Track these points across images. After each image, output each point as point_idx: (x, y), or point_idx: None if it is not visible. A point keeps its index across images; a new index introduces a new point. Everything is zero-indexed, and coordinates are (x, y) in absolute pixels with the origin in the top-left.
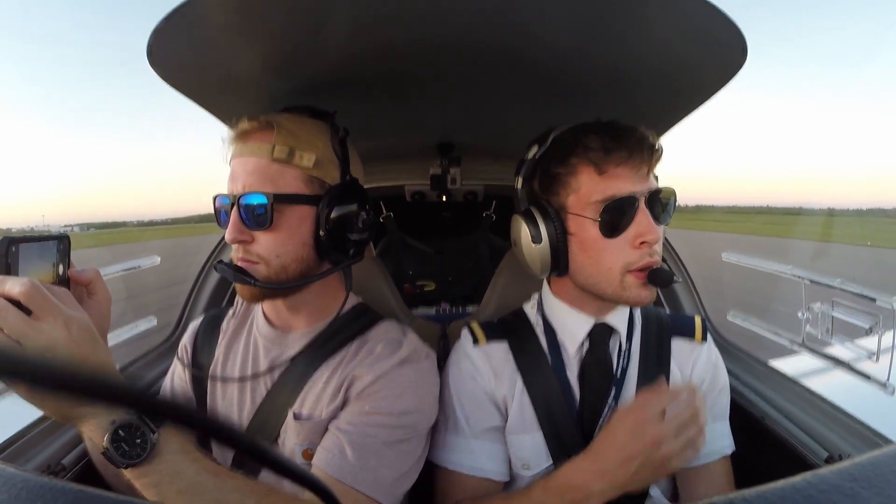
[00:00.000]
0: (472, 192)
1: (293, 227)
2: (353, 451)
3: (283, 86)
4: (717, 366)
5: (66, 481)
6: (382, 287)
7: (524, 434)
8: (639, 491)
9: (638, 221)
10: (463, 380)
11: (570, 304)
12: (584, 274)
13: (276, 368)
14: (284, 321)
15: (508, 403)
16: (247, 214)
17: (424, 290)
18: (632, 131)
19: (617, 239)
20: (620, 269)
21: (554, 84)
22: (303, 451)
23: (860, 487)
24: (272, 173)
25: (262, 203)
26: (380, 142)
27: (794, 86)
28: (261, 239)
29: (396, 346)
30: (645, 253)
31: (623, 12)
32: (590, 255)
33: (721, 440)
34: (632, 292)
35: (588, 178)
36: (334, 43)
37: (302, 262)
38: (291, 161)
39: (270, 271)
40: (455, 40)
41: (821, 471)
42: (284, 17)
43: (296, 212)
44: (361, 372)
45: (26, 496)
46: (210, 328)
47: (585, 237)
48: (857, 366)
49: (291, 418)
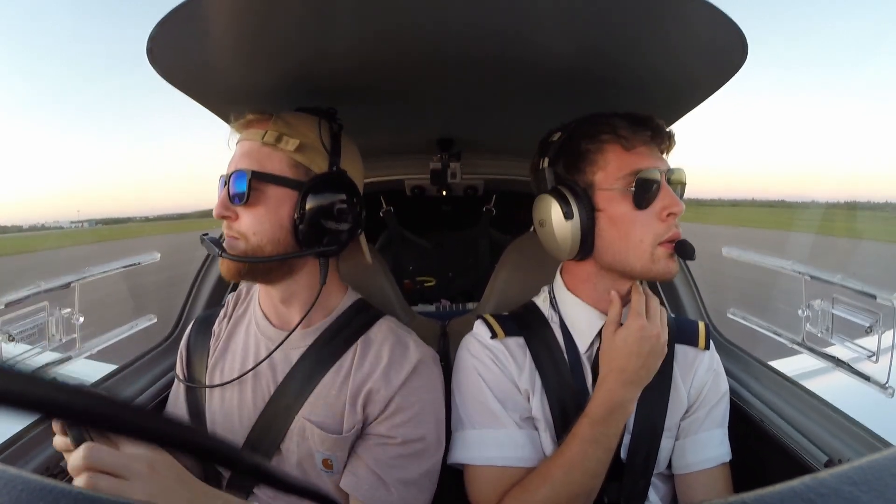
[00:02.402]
0: (472, 187)
1: (271, 207)
2: (395, 488)
3: (283, 84)
4: (718, 373)
5: (67, 483)
6: (383, 283)
7: (544, 432)
8: (639, 495)
9: (664, 195)
10: (489, 370)
11: (584, 298)
12: (613, 250)
13: (280, 368)
14: (282, 318)
15: (531, 398)
16: (232, 191)
17: (424, 286)
18: (651, 118)
19: (646, 212)
20: (651, 242)
21: (554, 81)
22: (323, 460)
23: (860, 491)
24: (261, 155)
25: (243, 179)
26: (380, 137)
27: (792, 86)
28: (243, 216)
29: (404, 350)
30: (671, 224)
31: (623, 12)
32: (620, 229)
33: (720, 447)
34: (661, 264)
35: (616, 154)
36: (336, 42)
37: (278, 244)
38: (278, 145)
39: (248, 248)
40: (457, 40)
41: (820, 474)
42: (285, 18)
43: (276, 193)
44: (377, 386)
45: (26, 498)
46: (202, 331)
47: (615, 212)
48: (856, 366)
49: (306, 424)
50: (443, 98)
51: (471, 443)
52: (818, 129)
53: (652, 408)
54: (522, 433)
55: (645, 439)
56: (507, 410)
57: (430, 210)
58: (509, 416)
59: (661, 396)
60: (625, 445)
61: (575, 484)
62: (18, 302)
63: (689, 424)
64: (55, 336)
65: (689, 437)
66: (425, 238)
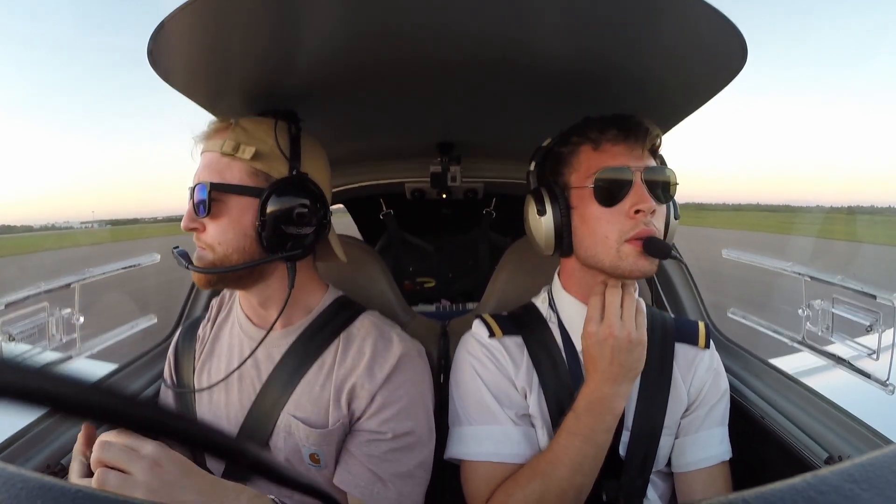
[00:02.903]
0: (472, 190)
1: (234, 217)
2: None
3: (283, 86)
4: (718, 372)
5: (66, 481)
6: (383, 284)
7: (541, 430)
8: (637, 493)
9: (633, 192)
10: (486, 368)
11: (580, 298)
12: (584, 246)
13: (264, 367)
14: (262, 318)
15: (528, 396)
16: (196, 203)
17: (424, 287)
18: (629, 117)
19: (614, 209)
20: (616, 238)
21: (554, 85)
22: (310, 455)
23: (860, 489)
24: (220, 166)
25: (203, 191)
26: (380, 140)
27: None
28: (209, 227)
29: (387, 345)
30: (640, 222)
31: (622, 15)
32: (588, 226)
33: (720, 445)
34: (628, 261)
35: (586, 154)
36: (336, 45)
37: (244, 252)
38: (235, 154)
39: (216, 258)
40: (457, 44)
41: (820, 472)
42: (286, 20)
43: (237, 202)
44: (360, 381)
45: (26, 496)
46: (188, 338)
47: (585, 210)
48: (857, 364)
49: (291, 420)
50: (443, 102)
51: (467, 439)
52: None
53: (651, 406)
54: (518, 430)
55: (644, 437)
56: (504, 407)
57: (430, 213)
58: (505, 413)
59: (661, 395)
60: (624, 443)
61: (563, 479)
62: (19, 302)
63: (689, 423)
64: (55, 336)
65: (689, 435)
66: (425, 240)
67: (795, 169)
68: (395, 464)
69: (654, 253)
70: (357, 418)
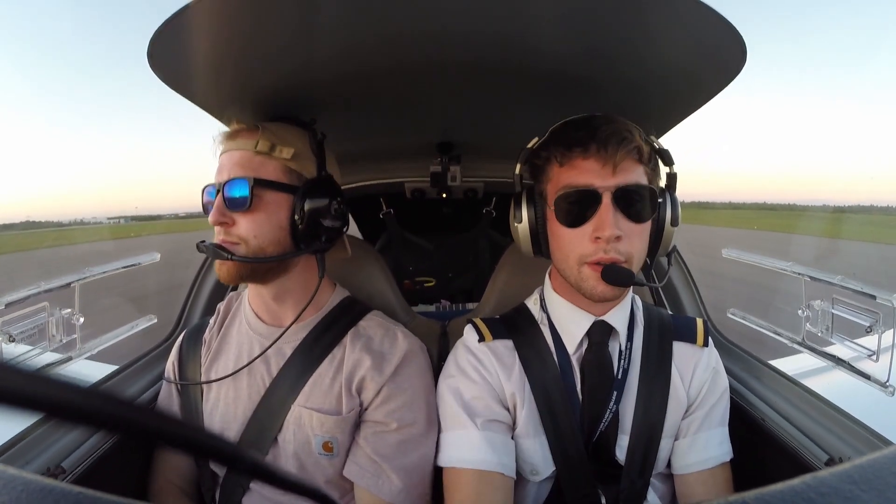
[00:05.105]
0: (472, 189)
1: (271, 212)
2: (398, 476)
3: (285, 89)
4: (717, 370)
5: (67, 483)
6: (383, 283)
7: (534, 438)
8: (637, 496)
9: (598, 216)
10: (466, 374)
11: (568, 299)
12: (555, 258)
13: (274, 362)
14: (274, 315)
15: (518, 403)
16: (230, 198)
17: (424, 286)
18: (605, 127)
19: (578, 230)
20: (576, 260)
21: (553, 85)
22: (323, 444)
23: (860, 490)
24: (255, 163)
25: (243, 187)
26: (380, 140)
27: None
28: (241, 221)
29: (393, 341)
30: (600, 248)
31: (621, 16)
32: (556, 241)
33: (720, 447)
34: (588, 284)
35: (555, 169)
36: (336, 48)
37: (278, 245)
38: (272, 153)
39: (249, 251)
40: (456, 45)
41: (820, 473)
42: (286, 23)
43: (274, 198)
44: (369, 374)
45: (26, 498)
46: (193, 341)
47: (553, 224)
48: (857, 365)
49: (303, 411)
50: (442, 102)
51: (441, 444)
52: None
53: (651, 408)
54: (480, 434)
55: (643, 440)
56: (471, 414)
57: (430, 212)
58: (470, 419)
59: (661, 396)
60: (621, 447)
61: None
62: (19, 302)
63: (688, 424)
64: (55, 336)
65: (689, 436)
66: (425, 240)
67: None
68: (402, 457)
69: (613, 281)
70: (364, 409)
